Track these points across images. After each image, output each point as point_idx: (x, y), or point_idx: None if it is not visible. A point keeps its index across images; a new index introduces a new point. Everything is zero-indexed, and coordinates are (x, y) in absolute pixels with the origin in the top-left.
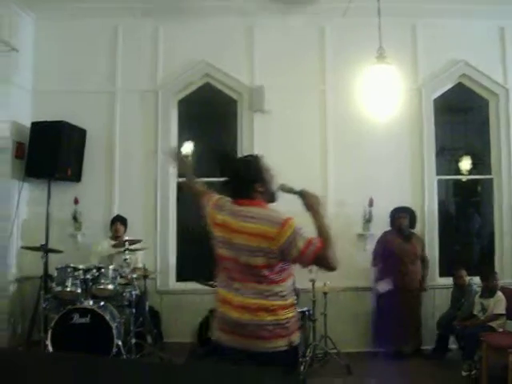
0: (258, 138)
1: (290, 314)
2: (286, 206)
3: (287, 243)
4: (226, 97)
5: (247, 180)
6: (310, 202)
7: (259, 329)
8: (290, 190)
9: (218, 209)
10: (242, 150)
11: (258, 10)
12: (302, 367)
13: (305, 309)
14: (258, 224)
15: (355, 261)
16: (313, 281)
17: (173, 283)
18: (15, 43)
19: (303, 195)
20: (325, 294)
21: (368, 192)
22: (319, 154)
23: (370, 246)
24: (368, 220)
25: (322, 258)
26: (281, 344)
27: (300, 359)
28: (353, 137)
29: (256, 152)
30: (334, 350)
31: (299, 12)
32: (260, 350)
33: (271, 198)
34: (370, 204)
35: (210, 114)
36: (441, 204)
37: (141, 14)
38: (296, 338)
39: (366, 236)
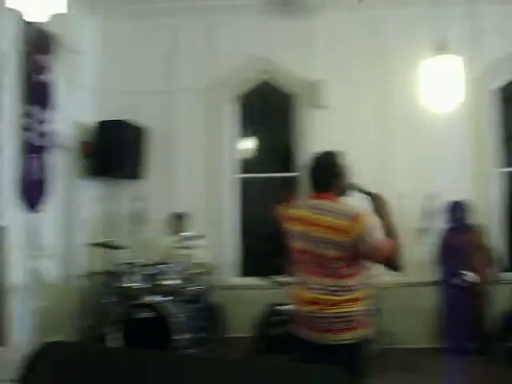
0: (317, 133)
1: (356, 308)
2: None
3: (359, 237)
4: (285, 92)
5: (327, 174)
6: (379, 205)
7: (324, 321)
8: (361, 190)
9: (294, 207)
10: (302, 146)
11: (314, 3)
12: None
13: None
14: (333, 217)
15: (415, 255)
16: (376, 275)
17: (235, 278)
18: (79, 45)
19: (373, 197)
20: (384, 288)
21: (429, 185)
22: (380, 148)
23: (430, 239)
24: (428, 213)
25: (390, 260)
26: (345, 337)
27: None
28: (412, 129)
29: (315, 147)
30: (394, 346)
31: (356, 3)
32: (326, 343)
33: (343, 193)
34: (431, 197)
35: (268, 111)
36: (507, 197)
37: (198, 13)
38: (364, 332)
39: (426, 230)
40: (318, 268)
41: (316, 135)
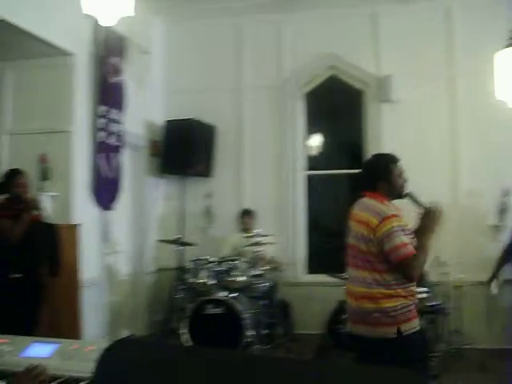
0: (385, 129)
1: (396, 303)
2: None
3: (383, 236)
4: (353, 88)
5: (371, 175)
6: (428, 220)
7: (366, 316)
8: (415, 201)
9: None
10: (370, 142)
11: None
12: (433, 362)
13: (436, 302)
14: (369, 214)
15: (488, 253)
16: (445, 274)
17: (303, 275)
18: (147, 46)
19: (426, 211)
20: (457, 287)
21: (502, 181)
22: (450, 143)
23: (505, 237)
24: (502, 210)
25: (405, 265)
26: (387, 331)
27: (431, 354)
28: (484, 124)
29: (384, 143)
30: (468, 346)
31: None
32: (370, 336)
33: (396, 197)
34: (505, 194)
35: (336, 106)
36: None
37: (264, 10)
38: (407, 327)
39: (500, 227)
40: (358, 261)
41: (384, 131)
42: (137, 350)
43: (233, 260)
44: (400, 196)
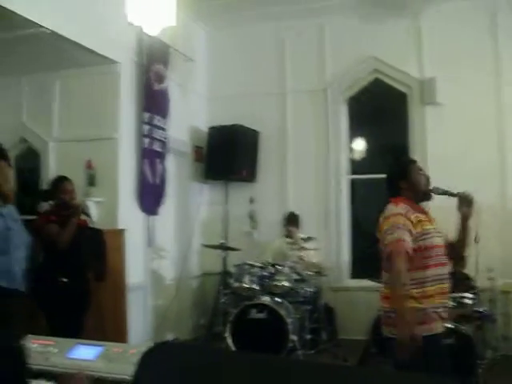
0: (430, 132)
1: (413, 305)
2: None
3: (384, 234)
4: (396, 91)
5: (392, 177)
6: (466, 205)
7: (385, 316)
8: (446, 192)
9: None
10: (415, 145)
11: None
12: (480, 370)
13: (484, 308)
14: (382, 217)
15: None
16: (491, 279)
17: (347, 280)
18: (191, 53)
19: (460, 197)
20: (504, 292)
21: None
22: (496, 146)
23: None
24: None
25: (391, 261)
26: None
27: (478, 361)
28: None
29: (429, 146)
30: None
31: None
32: (391, 336)
33: (423, 197)
34: None
35: (379, 110)
36: None
37: (305, 14)
38: (422, 330)
39: None
40: (382, 263)
41: (429, 134)
42: (176, 353)
43: (277, 265)
44: (427, 195)
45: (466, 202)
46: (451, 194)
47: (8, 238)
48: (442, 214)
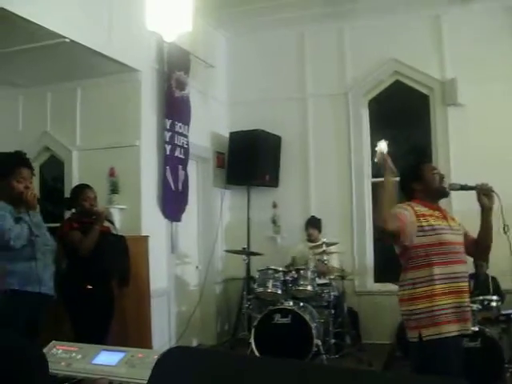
0: (452, 133)
1: (418, 306)
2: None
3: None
4: (417, 93)
5: (405, 179)
6: (486, 196)
7: (405, 319)
8: (463, 187)
9: None
10: (437, 146)
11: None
12: (508, 375)
13: (510, 311)
14: None
15: None
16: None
17: (371, 284)
18: (211, 60)
19: (479, 189)
20: None
21: None
22: None
23: None
24: None
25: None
26: (412, 336)
27: (505, 365)
28: None
29: (452, 147)
30: None
31: None
32: (411, 340)
33: (438, 195)
34: None
35: (401, 112)
36: None
37: (324, 19)
38: (431, 332)
39: None
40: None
41: (451, 135)
42: (191, 357)
43: (300, 269)
44: (443, 193)
45: (485, 194)
46: (469, 188)
47: (34, 244)
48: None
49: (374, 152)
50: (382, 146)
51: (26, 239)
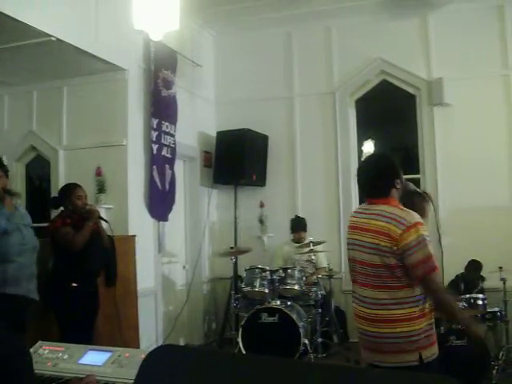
0: (439, 133)
1: (419, 326)
2: None
3: (407, 247)
4: (404, 92)
5: (387, 175)
6: (427, 209)
7: (385, 342)
8: (416, 191)
9: (352, 215)
10: (423, 146)
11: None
12: (494, 372)
13: (496, 309)
14: (384, 222)
15: None
16: (504, 280)
17: None
18: (198, 59)
19: (426, 194)
20: None
21: None
22: (507, 145)
23: None
24: None
25: (429, 281)
26: (408, 359)
27: (491, 362)
28: None
29: (438, 147)
30: None
31: None
32: (389, 365)
33: (402, 197)
34: None
35: (388, 112)
36: None
37: (311, 18)
38: (430, 352)
39: None
40: (370, 279)
41: (438, 135)
42: (178, 356)
43: (286, 269)
44: (402, 196)
45: (428, 200)
46: (420, 193)
47: (7, 244)
48: None
49: (360, 151)
50: None
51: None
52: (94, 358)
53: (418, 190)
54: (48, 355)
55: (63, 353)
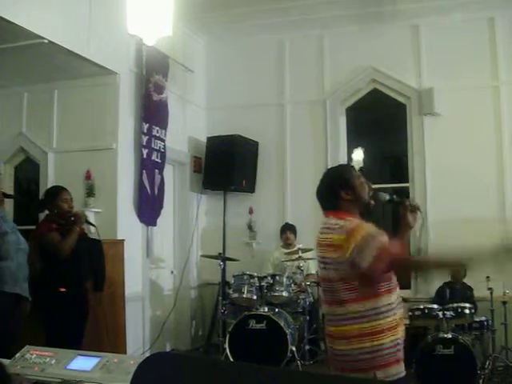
0: (428, 142)
1: (371, 343)
2: None
3: (357, 249)
4: (394, 101)
5: (333, 186)
6: (411, 221)
7: (341, 359)
8: (391, 200)
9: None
10: (413, 155)
11: (422, 9)
12: (480, 381)
13: (483, 318)
14: (330, 234)
15: None
16: (491, 289)
17: None
18: (190, 64)
19: (407, 205)
20: (504, 303)
21: None
22: (495, 156)
23: None
24: None
25: (395, 266)
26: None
27: (477, 371)
28: None
29: (428, 156)
30: None
31: (465, 6)
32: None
33: (364, 210)
34: None
35: (378, 120)
36: None
37: (304, 26)
38: (388, 372)
39: None
40: (327, 294)
41: (428, 144)
42: (172, 363)
43: (275, 275)
44: (368, 207)
45: (412, 211)
46: (397, 202)
47: (7, 242)
48: None
49: (350, 159)
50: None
51: None
52: (82, 363)
53: (395, 198)
54: (35, 360)
55: (51, 358)
